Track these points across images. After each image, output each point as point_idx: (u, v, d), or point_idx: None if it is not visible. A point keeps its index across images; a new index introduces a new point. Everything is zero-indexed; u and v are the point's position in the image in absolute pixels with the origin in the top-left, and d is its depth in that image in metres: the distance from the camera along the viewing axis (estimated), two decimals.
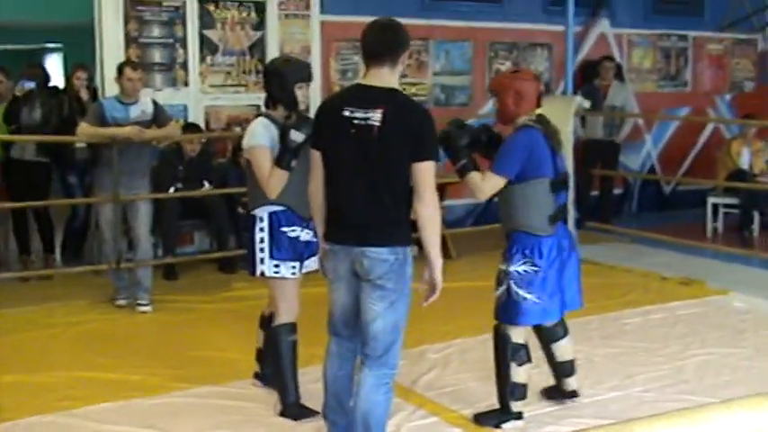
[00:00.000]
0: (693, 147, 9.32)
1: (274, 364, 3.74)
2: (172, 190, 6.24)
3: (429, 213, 2.86)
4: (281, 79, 3.62)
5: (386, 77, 2.88)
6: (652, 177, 9.01)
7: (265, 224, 3.59)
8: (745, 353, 4.51)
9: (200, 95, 6.98)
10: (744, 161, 7.70)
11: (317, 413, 3.43)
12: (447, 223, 7.25)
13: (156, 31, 6.78)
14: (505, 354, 3.50)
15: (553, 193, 3.39)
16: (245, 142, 3.64)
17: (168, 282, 6.16)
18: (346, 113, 2.84)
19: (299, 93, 3.63)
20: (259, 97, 7.22)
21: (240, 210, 6.26)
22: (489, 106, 8.26)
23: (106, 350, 4.63)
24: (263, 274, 3.62)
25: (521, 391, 3.53)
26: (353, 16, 7.48)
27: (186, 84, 6.92)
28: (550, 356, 3.74)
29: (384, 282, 2.88)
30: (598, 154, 7.91)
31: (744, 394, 1.27)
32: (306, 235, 3.62)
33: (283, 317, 3.69)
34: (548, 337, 3.69)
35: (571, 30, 7.06)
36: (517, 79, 3.44)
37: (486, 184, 3.38)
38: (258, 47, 7.17)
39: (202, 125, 6.91)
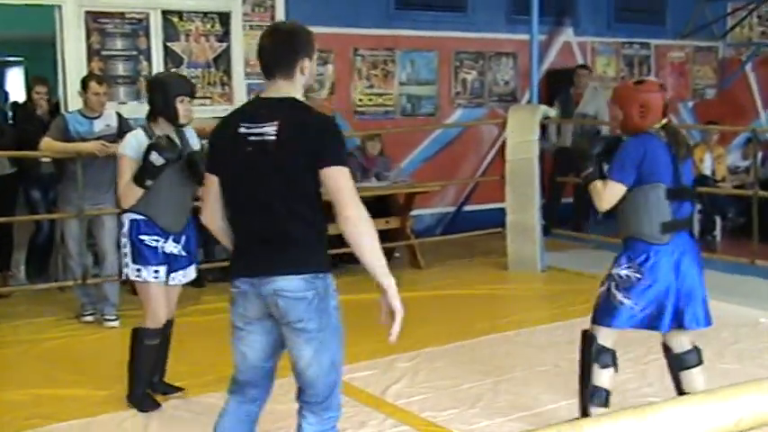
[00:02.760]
0: None
1: (129, 362, 3.90)
2: None
3: (354, 229, 2.44)
4: (163, 91, 3.77)
5: (283, 88, 2.58)
6: None
7: (125, 230, 3.78)
8: (708, 354, 4.56)
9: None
10: (706, 167, 7.84)
11: (159, 405, 3.76)
12: (416, 233, 7.29)
13: (118, 44, 6.74)
14: (590, 354, 3.39)
15: (670, 201, 3.23)
16: (118, 149, 3.88)
17: (135, 296, 6.07)
18: (242, 130, 2.55)
19: (181, 106, 3.76)
20: (225, 109, 7.28)
21: None
22: (456, 116, 8.33)
23: (73, 366, 4.58)
24: (127, 277, 3.83)
25: (601, 396, 3.41)
26: (319, 27, 7.48)
27: None
28: (678, 384, 3.58)
29: (305, 324, 2.52)
30: (571, 162, 7.95)
31: None
32: (171, 247, 3.80)
33: (147, 321, 3.84)
34: (677, 363, 3.54)
35: (536, 38, 7.14)
36: (643, 91, 3.28)
37: (606, 191, 3.27)
38: (223, 58, 7.16)
39: None
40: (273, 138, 2.50)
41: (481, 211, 8.02)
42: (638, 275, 3.26)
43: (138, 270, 3.75)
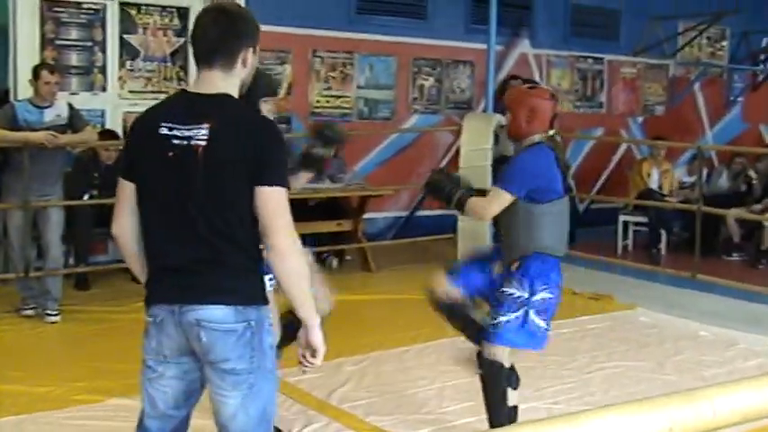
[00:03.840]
0: (607, 166, 9.64)
1: None
2: (86, 197, 6.09)
3: (281, 263, 2.13)
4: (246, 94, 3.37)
5: (217, 82, 2.19)
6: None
7: None
8: (649, 366, 4.68)
9: (118, 101, 6.85)
10: (653, 181, 8.00)
11: None
12: (368, 236, 7.30)
13: (73, 34, 6.62)
14: (500, 380, 3.28)
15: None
16: None
17: (79, 291, 6.00)
18: (164, 131, 2.15)
19: (264, 107, 3.30)
20: None
21: None
22: (412, 121, 8.38)
23: (11, 362, 4.48)
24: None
25: (514, 414, 3.38)
26: (279, 27, 7.49)
27: (104, 89, 6.78)
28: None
29: (233, 363, 2.14)
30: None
31: None
32: None
33: None
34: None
35: (493, 48, 7.22)
36: (533, 96, 3.27)
37: (494, 201, 3.17)
38: (180, 54, 7.08)
39: (120, 132, 6.78)
40: (203, 143, 2.12)
41: (434, 216, 8.05)
42: (551, 295, 3.21)
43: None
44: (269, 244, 2.13)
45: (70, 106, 5.43)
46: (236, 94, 2.23)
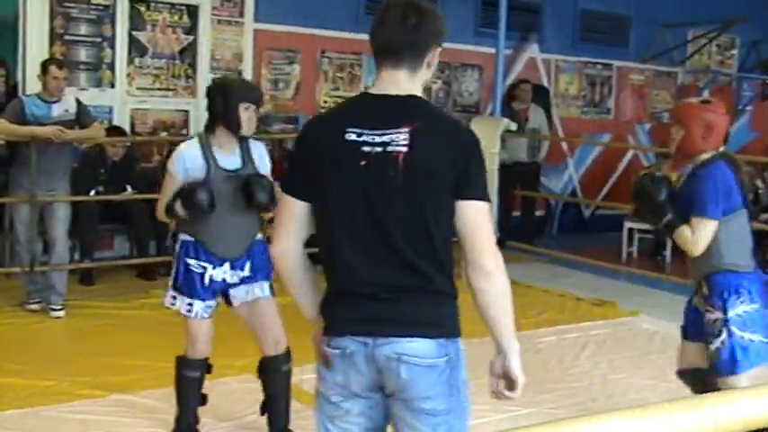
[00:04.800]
0: (613, 172, 9.62)
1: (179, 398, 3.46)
2: (92, 193, 6.11)
3: (492, 287, 1.94)
4: (224, 95, 3.29)
5: (403, 84, 1.96)
6: (572, 200, 9.25)
7: (177, 250, 3.36)
8: (652, 372, 4.67)
9: (126, 97, 6.86)
10: None
11: None
12: None
13: (83, 29, 6.64)
14: None
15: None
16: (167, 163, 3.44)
17: (84, 287, 6.02)
18: (351, 137, 1.90)
19: (245, 114, 3.27)
20: (188, 102, 7.23)
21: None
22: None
23: (15, 355, 4.49)
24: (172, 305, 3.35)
25: None
26: (287, 26, 7.50)
27: (112, 85, 6.80)
28: None
29: (433, 403, 1.93)
30: (520, 175, 8.05)
31: None
32: (222, 274, 3.31)
33: (187, 349, 3.42)
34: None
35: (501, 52, 7.22)
36: (710, 111, 3.06)
37: (700, 234, 2.97)
38: (189, 51, 7.10)
39: (128, 128, 6.80)
40: (404, 149, 1.88)
41: None
42: (755, 306, 3.02)
43: (174, 298, 3.32)
44: (473, 263, 1.92)
45: (78, 102, 5.44)
46: (422, 95, 2.01)
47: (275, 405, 3.44)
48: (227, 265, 3.32)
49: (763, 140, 10.61)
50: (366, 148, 1.89)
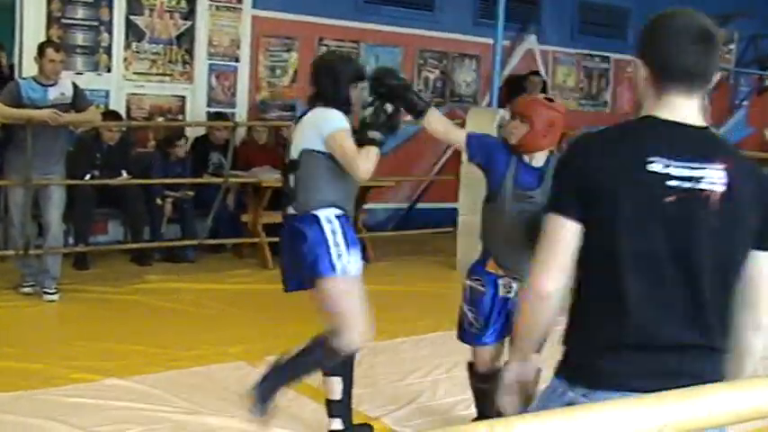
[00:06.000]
0: None
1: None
2: (87, 177, 6.10)
3: (762, 339, 1.80)
4: (333, 76, 3.22)
5: (695, 113, 1.75)
6: None
7: (334, 225, 3.11)
8: None
9: (122, 82, 6.84)
10: None
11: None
12: (368, 227, 7.31)
13: (80, 13, 6.61)
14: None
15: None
16: (323, 127, 3.12)
17: (78, 271, 6.02)
18: (656, 167, 1.67)
19: (354, 94, 3.22)
20: (185, 87, 7.21)
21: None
22: None
23: (8, 338, 4.49)
24: (343, 271, 3.08)
25: None
26: (285, 13, 7.48)
27: (109, 69, 6.77)
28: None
29: None
30: None
31: None
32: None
33: (344, 338, 3.14)
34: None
35: (499, 43, 7.20)
36: (553, 109, 3.14)
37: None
38: (186, 36, 7.07)
39: (123, 112, 6.78)
40: (720, 189, 1.67)
41: (434, 209, 8.06)
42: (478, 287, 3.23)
43: (348, 263, 3.09)
44: (758, 322, 1.77)
45: (74, 85, 5.42)
46: None
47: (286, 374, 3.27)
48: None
49: (759, 136, 10.63)
50: (673, 183, 1.67)
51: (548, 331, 1.88)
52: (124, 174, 6.30)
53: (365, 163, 3.05)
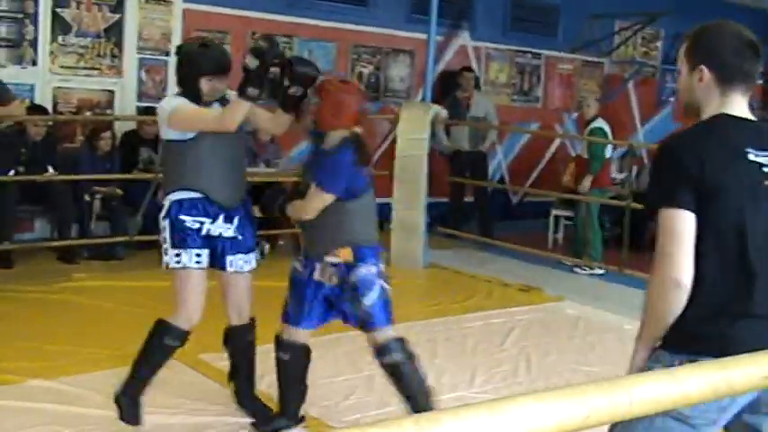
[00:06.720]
0: (541, 160, 9.79)
1: (143, 362, 3.38)
2: (12, 173, 5.91)
3: None
4: (189, 65, 3.25)
5: (747, 110, 2.11)
6: (501, 187, 9.37)
7: (164, 212, 3.26)
8: (574, 357, 4.79)
9: (49, 76, 6.64)
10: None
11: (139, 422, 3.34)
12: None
13: (3, 4, 6.39)
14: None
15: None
16: (163, 113, 3.22)
17: (2, 269, 5.83)
18: (754, 158, 2.00)
19: (206, 86, 3.24)
20: (114, 82, 7.04)
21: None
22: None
23: None
24: (166, 265, 3.28)
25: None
26: (217, 7, 7.37)
27: (34, 63, 6.57)
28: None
29: None
30: (467, 164, 8.09)
31: None
32: (219, 228, 3.28)
33: (176, 317, 3.31)
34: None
35: (433, 39, 7.24)
36: (343, 91, 3.25)
37: (315, 202, 3.19)
38: (115, 30, 6.91)
39: (50, 107, 6.58)
40: None
41: None
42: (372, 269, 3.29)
43: (178, 255, 3.22)
44: None
45: None
46: None
47: (240, 373, 3.52)
48: (221, 219, 3.29)
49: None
50: (766, 169, 2.00)
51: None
52: (51, 170, 6.12)
53: (231, 115, 3.16)
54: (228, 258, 3.34)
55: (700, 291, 1.97)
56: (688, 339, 1.99)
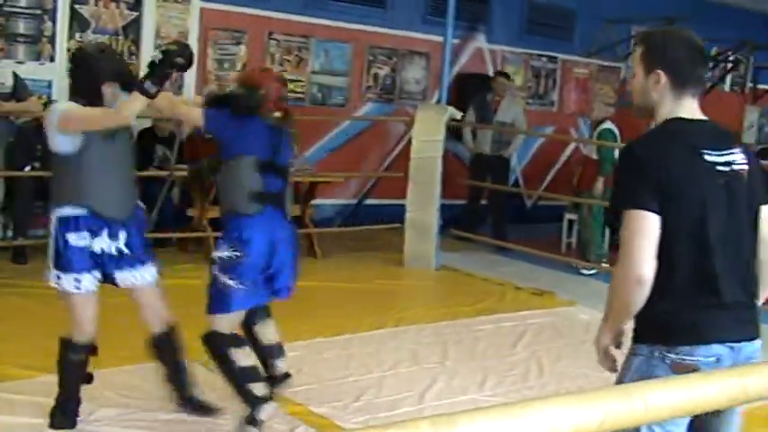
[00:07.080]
0: (555, 164, 9.76)
1: (62, 380, 3.39)
2: (27, 169, 5.95)
3: None
4: (88, 71, 3.22)
5: (698, 111, 2.23)
6: (515, 191, 9.34)
7: (53, 228, 3.23)
8: (586, 362, 4.76)
9: (66, 72, 6.67)
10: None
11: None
12: (316, 222, 7.28)
13: (22, 1, 6.44)
14: (223, 347, 3.35)
15: (261, 173, 3.30)
16: (53, 117, 3.17)
17: (17, 265, 5.87)
18: (710, 158, 2.12)
19: (107, 91, 3.21)
20: None
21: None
22: (365, 109, 8.37)
23: None
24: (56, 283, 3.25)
25: (254, 372, 3.44)
26: (234, 6, 7.40)
27: (52, 59, 6.61)
28: (255, 342, 3.58)
29: None
30: (487, 168, 8.01)
31: None
32: (102, 244, 3.24)
33: (72, 332, 3.35)
34: (250, 320, 3.51)
35: (449, 41, 7.23)
36: (266, 78, 3.47)
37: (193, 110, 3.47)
38: (133, 27, 6.94)
39: None
40: (745, 167, 2.16)
41: (382, 205, 8.07)
42: (238, 254, 3.26)
43: (59, 277, 3.21)
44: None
45: (15, 75, 5.28)
46: None
47: (178, 375, 3.51)
48: (104, 234, 3.24)
49: None
50: (721, 168, 2.12)
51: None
52: None
53: (127, 108, 3.14)
54: (117, 275, 3.32)
55: (669, 286, 2.08)
56: (662, 332, 2.12)
